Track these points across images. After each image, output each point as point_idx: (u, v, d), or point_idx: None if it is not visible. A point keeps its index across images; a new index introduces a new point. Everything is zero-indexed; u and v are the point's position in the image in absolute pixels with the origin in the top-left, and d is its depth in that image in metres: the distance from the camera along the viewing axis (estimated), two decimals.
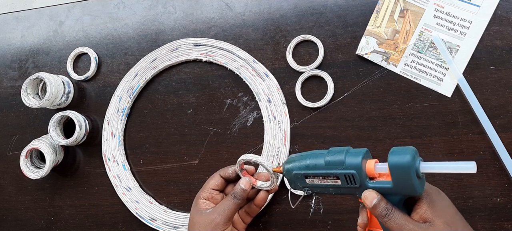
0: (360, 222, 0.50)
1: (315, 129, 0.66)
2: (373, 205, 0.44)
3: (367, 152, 0.46)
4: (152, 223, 0.70)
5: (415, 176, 0.42)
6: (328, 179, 0.47)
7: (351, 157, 0.45)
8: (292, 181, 0.50)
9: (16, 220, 0.76)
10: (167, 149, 0.71)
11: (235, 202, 0.55)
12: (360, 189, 0.45)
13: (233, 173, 0.59)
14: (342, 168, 0.45)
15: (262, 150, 0.67)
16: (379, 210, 0.44)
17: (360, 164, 0.44)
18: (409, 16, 0.64)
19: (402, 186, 0.43)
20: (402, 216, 0.44)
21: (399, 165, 0.42)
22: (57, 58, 0.77)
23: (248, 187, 0.56)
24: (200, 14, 0.72)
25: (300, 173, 0.48)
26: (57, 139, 0.70)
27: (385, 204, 0.44)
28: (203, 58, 0.71)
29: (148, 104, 0.73)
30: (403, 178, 0.42)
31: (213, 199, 0.58)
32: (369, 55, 0.65)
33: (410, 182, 0.42)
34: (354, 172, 0.45)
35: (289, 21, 0.68)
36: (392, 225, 0.44)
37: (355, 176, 0.45)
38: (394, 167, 0.42)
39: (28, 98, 0.71)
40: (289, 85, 0.68)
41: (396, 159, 0.42)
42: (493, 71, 0.61)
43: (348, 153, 0.46)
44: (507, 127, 0.60)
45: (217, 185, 0.59)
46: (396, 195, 0.44)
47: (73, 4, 0.77)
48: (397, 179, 0.43)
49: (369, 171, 0.45)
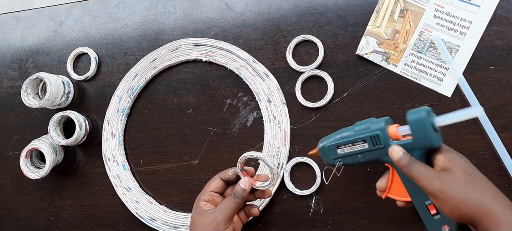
0: (379, 185, 0.55)
1: (315, 129, 0.66)
2: (399, 157, 0.49)
3: (389, 119, 0.53)
4: (152, 223, 0.70)
5: (431, 128, 0.48)
6: (357, 144, 0.54)
7: (375, 123, 0.53)
8: (326, 155, 0.56)
9: (16, 220, 0.76)
10: (167, 149, 0.71)
11: (235, 201, 0.57)
12: (385, 150, 0.52)
13: (233, 175, 0.60)
14: (368, 132, 0.52)
15: (262, 150, 0.67)
16: (404, 161, 0.49)
17: (384, 126, 0.52)
18: (409, 16, 0.64)
19: (421, 140, 0.49)
20: (423, 165, 0.48)
21: (416, 119, 0.49)
22: (57, 58, 0.77)
23: (248, 187, 0.57)
24: (200, 14, 0.72)
25: (333, 144, 0.55)
26: (57, 139, 0.70)
27: (408, 156, 0.49)
28: (203, 58, 0.71)
29: (148, 104, 0.73)
30: (421, 131, 0.49)
31: (213, 201, 0.59)
32: (369, 55, 0.65)
33: (427, 134, 0.48)
34: (379, 132, 0.52)
35: (289, 21, 0.69)
36: (416, 172, 0.48)
37: (380, 136, 0.52)
38: (413, 122, 0.49)
39: (28, 98, 0.71)
40: (289, 85, 0.68)
41: (414, 116, 0.49)
42: (493, 71, 0.61)
43: (372, 121, 0.53)
44: (507, 127, 0.60)
45: (217, 187, 0.60)
46: (417, 149, 0.50)
47: (73, 4, 0.77)
48: (416, 133, 0.49)
49: (392, 132, 0.52)
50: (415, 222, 0.62)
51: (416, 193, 0.52)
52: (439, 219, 0.51)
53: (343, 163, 0.56)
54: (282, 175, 0.66)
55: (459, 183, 0.46)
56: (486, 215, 0.44)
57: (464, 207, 0.45)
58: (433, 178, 0.47)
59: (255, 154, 0.57)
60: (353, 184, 0.64)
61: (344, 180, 0.64)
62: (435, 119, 0.49)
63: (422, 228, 0.62)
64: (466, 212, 0.45)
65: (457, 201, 0.45)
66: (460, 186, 0.46)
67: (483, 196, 0.45)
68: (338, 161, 0.56)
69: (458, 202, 0.45)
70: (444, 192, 0.46)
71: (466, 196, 0.45)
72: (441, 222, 0.51)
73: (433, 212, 0.51)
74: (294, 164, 0.66)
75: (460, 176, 0.46)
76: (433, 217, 0.51)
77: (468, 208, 0.45)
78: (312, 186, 0.65)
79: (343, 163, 0.56)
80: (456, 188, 0.46)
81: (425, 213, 0.52)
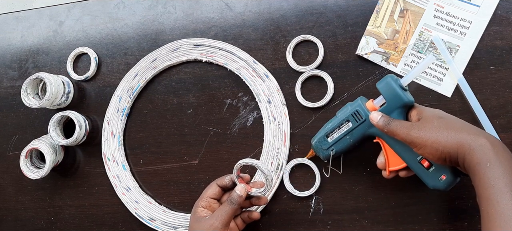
0: (379, 162, 0.58)
1: (315, 129, 0.66)
2: (378, 118, 0.54)
3: (363, 97, 0.60)
4: (152, 223, 0.70)
5: (399, 88, 0.55)
6: (342, 126, 0.59)
7: (353, 103, 0.59)
8: (319, 150, 0.61)
9: (16, 220, 0.76)
10: (167, 149, 0.71)
11: (231, 207, 0.58)
12: (367, 122, 0.57)
13: (229, 181, 0.61)
14: (349, 111, 0.58)
15: (261, 151, 0.67)
16: (382, 122, 0.54)
17: (360, 102, 0.58)
18: (409, 16, 0.64)
19: (393, 100, 0.55)
20: (399, 121, 0.53)
21: (384, 84, 0.55)
22: (57, 58, 0.77)
23: (243, 193, 0.59)
24: (200, 14, 0.72)
25: (322, 135, 0.60)
26: (57, 139, 0.70)
27: (386, 117, 0.54)
28: (203, 58, 0.71)
29: (148, 104, 0.73)
30: (391, 93, 0.55)
31: (210, 207, 0.61)
32: (369, 55, 0.65)
33: (397, 93, 0.54)
34: (358, 108, 0.57)
35: (289, 21, 0.68)
36: (394, 127, 0.52)
37: (359, 111, 0.57)
38: (382, 87, 0.55)
39: (28, 98, 0.71)
40: (289, 85, 0.68)
41: (382, 83, 0.56)
42: (493, 71, 0.61)
43: (349, 103, 0.59)
44: (507, 127, 0.60)
45: (214, 194, 0.61)
46: (393, 110, 0.55)
47: (73, 4, 0.77)
48: (388, 96, 0.55)
49: (370, 106, 0.57)
50: (415, 222, 0.62)
51: (407, 154, 0.55)
52: (434, 171, 0.54)
53: (336, 150, 0.60)
54: (281, 179, 0.66)
55: (431, 126, 0.50)
56: (464, 149, 0.47)
57: (439, 145, 0.48)
58: (409, 128, 0.51)
59: (250, 161, 0.58)
60: (353, 184, 0.64)
61: (344, 180, 0.64)
62: (400, 80, 0.55)
63: (422, 227, 0.62)
64: (443, 150, 0.48)
65: (432, 141, 0.49)
66: (433, 128, 0.49)
67: (455, 131, 0.48)
68: (331, 150, 0.60)
69: (433, 142, 0.49)
70: (420, 137, 0.50)
71: (438, 135, 0.49)
72: (437, 173, 0.54)
73: (426, 165, 0.55)
74: (293, 165, 0.66)
75: (432, 120, 0.50)
76: (429, 171, 0.55)
77: (444, 145, 0.48)
78: (312, 187, 0.65)
79: (336, 150, 0.60)
80: (429, 131, 0.49)
81: (420, 169, 0.55)
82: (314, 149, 0.62)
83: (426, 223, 0.61)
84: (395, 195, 0.63)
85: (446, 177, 0.54)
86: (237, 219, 0.63)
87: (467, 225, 0.60)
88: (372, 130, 0.57)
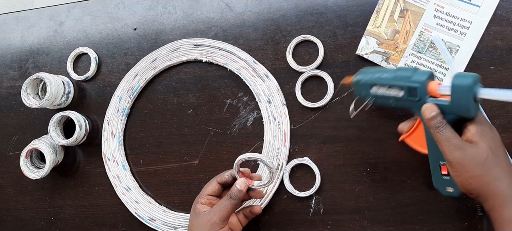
0: (401, 127, 0.56)
1: (315, 129, 0.66)
2: (431, 116, 0.49)
3: (432, 74, 0.52)
4: (152, 223, 0.70)
5: (472, 98, 0.48)
6: (393, 89, 0.53)
7: (418, 74, 0.51)
8: (358, 89, 0.57)
9: (16, 220, 0.76)
10: (167, 149, 0.71)
11: (231, 202, 0.57)
12: (418, 103, 0.51)
13: (229, 177, 0.60)
14: (408, 81, 0.51)
15: (261, 150, 0.67)
16: (435, 122, 0.49)
17: (425, 80, 0.51)
18: (409, 16, 0.64)
19: (458, 106, 0.49)
20: (452, 131, 0.48)
21: (461, 85, 0.48)
22: (57, 58, 0.77)
23: (243, 188, 0.58)
24: (200, 14, 0.72)
25: (368, 82, 0.55)
26: (57, 139, 0.70)
27: (441, 117, 0.49)
28: (203, 58, 0.71)
29: (148, 104, 0.73)
30: (461, 98, 0.48)
31: (210, 204, 0.60)
32: (369, 55, 0.65)
33: (466, 103, 0.48)
34: (418, 85, 0.51)
35: (289, 21, 0.68)
36: (442, 137, 0.48)
37: (418, 90, 0.51)
38: (456, 86, 0.48)
39: (28, 99, 0.71)
40: (289, 86, 0.68)
41: (459, 80, 0.48)
42: (493, 71, 0.61)
43: (415, 70, 0.52)
44: (507, 127, 0.60)
45: (214, 191, 0.60)
46: (451, 114, 0.49)
47: (73, 4, 0.77)
48: (456, 98, 0.48)
49: (432, 89, 0.51)
50: (415, 222, 0.62)
51: (434, 151, 0.53)
52: (447, 180, 0.53)
53: (374, 101, 0.56)
54: (281, 176, 0.66)
55: (479, 160, 0.46)
56: (494, 195, 0.45)
57: (475, 183, 0.46)
58: (456, 148, 0.47)
59: (253, 155, 0.57)
60: (353, 184, 0.64)
61: (344, 180, 0.64)
62: (479, 90, 0.48)
63: (422, 228, 0.62)
64: (476, 187, 0.46)
65: (470, 176, 0.46)
66: (479, 163, 0.46)
67: (497, 178, 0.46)
68: (368, 98, 0.56)
69: (470, 177, 0.46)
70: (462, 164, 0.47)
71: (480, 174, 0.46)
72: (448, 183, 0.53)
73: (443, 172, 0.53)
74: (293, 165, 0.66)
75: (482, 153, 0.46)
76: (442, 176, 0.53)
77: (479, 185, 0.46)
78: (312, 187, 0.65)
79: (374, 101, 0.56)
80: (474, 164, 0.46)
81: (436, 169, 0.54)
82: (353, 84, 0.58)
83: (426, 223, 0.61)
84: (395, 195, 0.63)
85: (453, 191, 0.53)
86: (239, 214, 0.63)
87: (467, 225, 0.60)
88: (419, 111, 0.52)
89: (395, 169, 0.63)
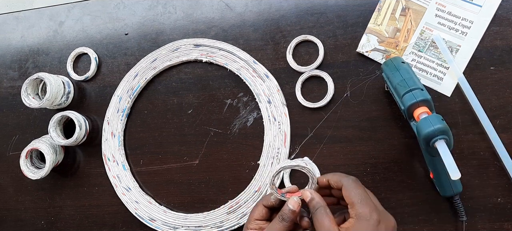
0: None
1: (315, 129, 0.66)
2: (309, 198, 0.50)
3: (426, 100, 0.54)
4: (152, 224, 0.70)
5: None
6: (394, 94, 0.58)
7: (409, 97, 0.54)
8: (385, 73, 0.59)
9: (16, 220, 0.76)
10: (167, 149, 0.71)
11: (283, 225, 0.50)
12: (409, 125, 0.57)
13: (276, 201, 0.53)
14: (400, 97, 0.55)
15: (261, 151, 0.67)
16: (312, 204, 0.50)
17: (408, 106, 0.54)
18: (411, 14, 0.64)
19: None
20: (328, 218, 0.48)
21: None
22: (57, 58, 0.77)
23: (297, 208, 0.50)
24: (200, 15, 0.72)
25: (384, 75, 0.59)
26: (57, 139, 0.70)
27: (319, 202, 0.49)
28: (203, 58, 0.71)
29: (148, 104, 0.73)
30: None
31: (260, 229, 0.53)
32: (369, 53, 0.65)
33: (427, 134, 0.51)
34: (403, 108, 0.55)
35: (289, 21, 0.68)
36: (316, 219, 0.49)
37: (404, 111, 0.55)
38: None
39: (28, 99, 0.71)
40: (289, 86, 0.68)
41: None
42: (493, 71, 0.61)
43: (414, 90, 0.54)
44: (507, 127, 0.60)
45: (262, 215, 0.53)
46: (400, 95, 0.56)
47: (73, 4, 0.77)
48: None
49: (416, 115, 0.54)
50: (415, 222, 0.62)
51: (436, 170, 0.57)
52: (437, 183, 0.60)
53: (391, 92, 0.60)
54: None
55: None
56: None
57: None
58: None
59: (286, 164, 0.52)
60: None
61: None
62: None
63: (422, 228, 0.62)
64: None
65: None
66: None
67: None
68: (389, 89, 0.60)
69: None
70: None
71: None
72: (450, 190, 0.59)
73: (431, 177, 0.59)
74: None
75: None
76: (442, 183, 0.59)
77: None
78: None
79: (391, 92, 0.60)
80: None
81: (437, 177, 0.59)
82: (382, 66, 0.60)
83: (426, 223, 0.61)
84: (396, 195, 0.63)
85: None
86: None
87: (467, 225, 0.60)
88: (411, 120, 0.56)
89: (395, 169, 0.63)
